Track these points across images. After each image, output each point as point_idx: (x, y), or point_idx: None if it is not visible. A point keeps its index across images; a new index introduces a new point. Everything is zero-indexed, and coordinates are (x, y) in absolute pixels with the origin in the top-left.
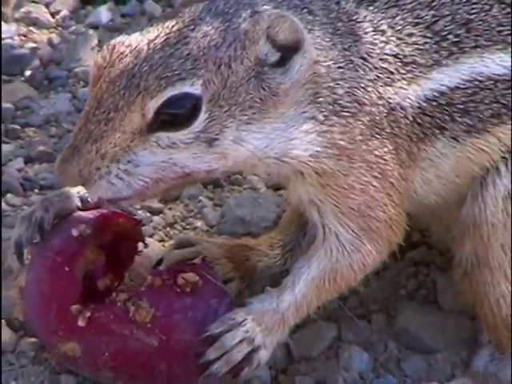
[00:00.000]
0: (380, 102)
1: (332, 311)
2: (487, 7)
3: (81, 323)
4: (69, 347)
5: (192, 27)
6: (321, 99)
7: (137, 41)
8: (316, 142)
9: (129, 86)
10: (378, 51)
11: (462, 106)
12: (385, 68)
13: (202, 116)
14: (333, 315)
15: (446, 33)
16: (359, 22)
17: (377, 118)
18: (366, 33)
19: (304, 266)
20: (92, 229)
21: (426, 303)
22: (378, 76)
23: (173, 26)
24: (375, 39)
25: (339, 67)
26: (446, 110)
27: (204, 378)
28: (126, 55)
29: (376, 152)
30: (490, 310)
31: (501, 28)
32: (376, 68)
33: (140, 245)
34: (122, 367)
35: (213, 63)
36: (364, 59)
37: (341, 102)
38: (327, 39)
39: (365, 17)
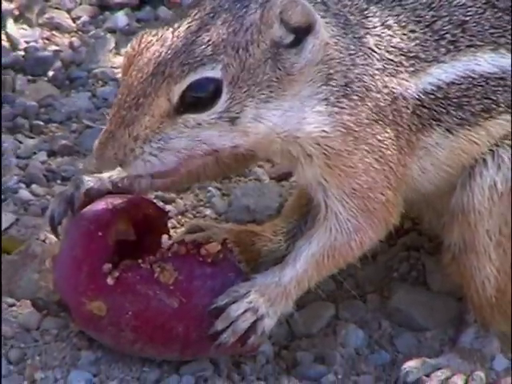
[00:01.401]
0: (385, 91)
1: (330, 292)
2: (481, 11)
3: (110, 281)
4: (96, 305)
5: (212, 15)
6: (334, 82)
7: (163, 30)
8: (327, 122)
9: (155, 72)
10: (385, 43)
11: (456, 100)
12: (390, 59)
13: (224, 97)
14: (331, 296)
15: (443, 32)
16: (369, 17)
17: (381, 104)
18: (375, 27)
19: (305, 243)
20: (125, 204)
21: (417, 285)
22: (384, 66)
23: (195, 14)
24: (383, 32)
25: (350, 54)
26: (442, 104)
27: (215, 347)
28: (153, 44)
29: (378, 136)
30: (475, 291)
31: (493, 30)
32: (383, 59)
33: (164, 237)
34: (143, 327)
35: (231, 48)
36: (372, 50)
37: (352, 85)
38: (339, 27)
39: (374, 12)
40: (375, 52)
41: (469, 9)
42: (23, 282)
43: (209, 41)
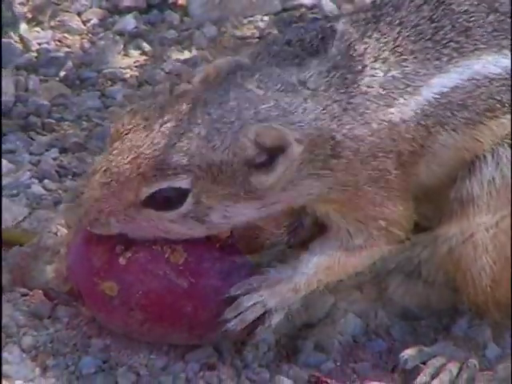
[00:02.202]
0: (381, 126)
1: (329, 284)
2: (484, 15)
3: (122, 261)
4: (108, 285)
5: (199, 121)
6: (316, 151)
7: (153, 117)
8: (318, 186)
9: (132, 162)
10: (379, 80)
11: (461, 102)
12: (385, 93)
13: (190, 201)
14: (330, 287)
15: (446, 41)
16: (359, 56)
17: (377, 141)
18: (366, 65)
19: (317, 249)
20: None
21: (412, 276)
22: (378, 103)
23: (185, 114)
24: (376, 68)
25: (335, 117)
26: (447, 108)
27: (222, 333)
28: (140, 130)
29: (380, 167)
30: (471, 281)
31: (496, 33)
32: (376, 97)
33: None
34: (153, 306)
35: (206, 163)
36: (364, 93)
37: (340, 144)
38: (320, 105)
39: (365, 48)
40: (368, 94)
41: (472, 14)
42: (35, 273)
43: (187, 150)
